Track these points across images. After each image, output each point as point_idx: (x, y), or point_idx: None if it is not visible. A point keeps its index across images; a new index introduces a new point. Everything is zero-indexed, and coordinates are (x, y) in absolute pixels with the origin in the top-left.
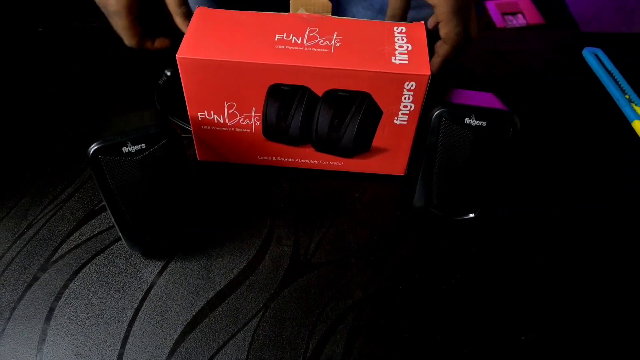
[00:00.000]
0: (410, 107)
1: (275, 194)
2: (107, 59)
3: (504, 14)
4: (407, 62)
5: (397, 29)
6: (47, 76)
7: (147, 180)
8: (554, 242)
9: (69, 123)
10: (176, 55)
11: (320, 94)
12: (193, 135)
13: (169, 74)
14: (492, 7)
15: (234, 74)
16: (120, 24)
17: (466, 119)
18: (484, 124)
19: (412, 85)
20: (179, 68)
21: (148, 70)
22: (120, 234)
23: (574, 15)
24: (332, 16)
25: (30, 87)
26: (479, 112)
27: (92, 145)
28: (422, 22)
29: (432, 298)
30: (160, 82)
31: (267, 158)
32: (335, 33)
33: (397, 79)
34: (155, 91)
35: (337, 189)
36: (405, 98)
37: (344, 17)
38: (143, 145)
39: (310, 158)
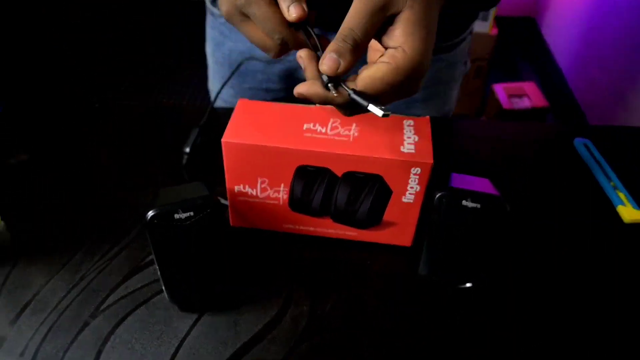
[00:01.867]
0: (416, 188)
1: (296, 259)
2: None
3: (510, 96)
4: (413, 151)
5: (406, 122)
6: (100, 143)
7: (192, 242)
8: (544, 312)
9: (118, 186)
10: (221, 140)
11: (339, 175)
12: (228, 204)
13: (187, 150)
14: (499, 90)
15: (269, 156)
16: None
17: (463, 201)
18: (479, 206)
19: (417, 170)
20: (223, 150)
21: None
22: (163, 288)
23: (578, 100)
24: None
25: (84, 156)
26: (474, 196)
27: (149, 212)
28: (428, 117)
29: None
30: (183, 162)
31: (292, 226)
32: (354, 124)
33: (405, 165)
34: (183, 168)
35: (352, 257)
36: (411, 180)
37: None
38: (191, 214)
39: (329, 228)
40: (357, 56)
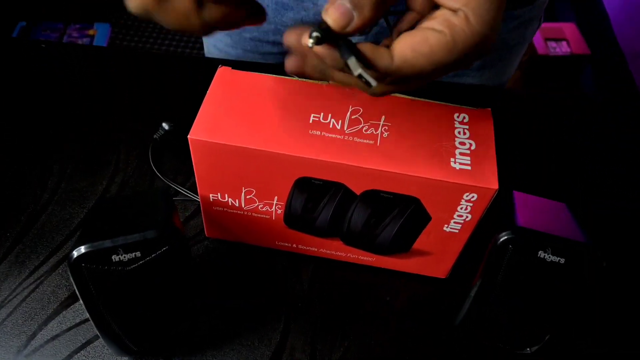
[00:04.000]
0: (467, 217)
1: (292, 288)
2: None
3: (547, 39)
4: (469, 166)
5: (457, 117)
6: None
7: (139, 289)
8: None
9: (69, 165)
10: (188, 136)
11: (358, 192)
12: (202, 213)
13: (167, 128)
14: None
15: (256, 163)
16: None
17: (540, 252)
18: (562, 261)
19: (472, 197)
20: (190, 149)
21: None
22: (104, 342)
23: (622, 47)
24: None
25: (21, 133)
26: (556, 246)
27: (75, 250)
28: (489, 109)
29: None
30: (155, 136)
31: (287, 244)
32: (383, 117)
33: (455, 189)
34: (150, 145)
35: (366, 288)
36: (461, 208)
37: (394, 94)
38: (138, 254)
39: (337, 250)
40: (380, 12)
